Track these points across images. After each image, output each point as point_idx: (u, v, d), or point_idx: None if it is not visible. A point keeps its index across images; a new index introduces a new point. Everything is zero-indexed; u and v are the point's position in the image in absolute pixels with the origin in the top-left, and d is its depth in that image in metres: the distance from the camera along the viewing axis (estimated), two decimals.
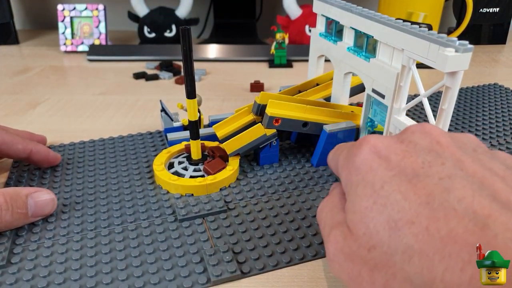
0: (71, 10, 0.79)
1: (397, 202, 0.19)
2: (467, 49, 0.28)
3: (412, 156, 0.21)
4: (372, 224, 0.20)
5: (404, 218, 0.19)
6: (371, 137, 0.23)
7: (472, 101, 0.56)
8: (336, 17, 0.42)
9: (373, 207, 0.20)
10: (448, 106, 0.30)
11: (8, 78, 0.67)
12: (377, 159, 0.22)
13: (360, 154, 0.23)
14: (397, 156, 0.22)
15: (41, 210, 0.32)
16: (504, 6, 0.81)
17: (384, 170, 0.21)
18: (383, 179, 0.21)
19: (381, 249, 0.19)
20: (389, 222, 0.19)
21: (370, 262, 0.20)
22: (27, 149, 0.38)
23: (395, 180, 0.20)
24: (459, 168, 0.20)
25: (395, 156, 0.22)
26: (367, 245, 0.20)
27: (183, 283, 0.27)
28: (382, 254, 0.19)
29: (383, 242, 0.19)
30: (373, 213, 0.20)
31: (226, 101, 0.58)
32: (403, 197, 0.19)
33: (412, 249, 0.18)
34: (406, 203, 0.19)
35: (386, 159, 0.22)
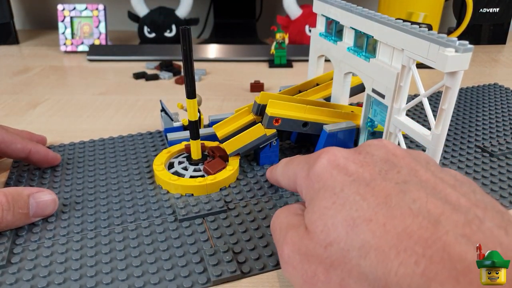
0: (71, 10, 0.79)
1: (356, 202, 0.20)
2: (467, 49, 0.28)
3: (370, 165, 0.23)
4: (330, 221, 0.21)
5: (362, 216, 0.20)
6: (330, 148, 0.25)
7: (472, 101, 0.56)
8: (336, 17, 0.42)
9: (332, 207, 0.21)
10: (448, 106, 0.30)
11: (8, 78, 0.67)
12: (336, 167, 0.23)
13: (320, 163, 0.24)
14: (355, 164, 0.23)
15: (42, 210, 0.32)
16: (504, 6, 0.81)
17: (343, 176, 0.22)
18: (343, 183, 0.22)
19: (337, 245, 0.20)
20: (347, 219, 0.20)
21: (326, 260, 0.20)
22: (26, 149, 0.38)
23: (354, 184, 0.21)
24: (413, 175, 0.22)
25: (353, 164, 0.23)
26: (323, 242, 0.20)
27: (183, 283, 0.27)
28: (338, 251, 0.20)
29: (340, 239, 0.20)
30: (331, 212, 0.21)
31: (226, 101, 0.58)
32: (362, 198, 0.20)
33: (369, 244, 0.19)
34: (364, 203, 0.20)
35: (345, 167, 0.23)
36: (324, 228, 0.21)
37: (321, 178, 0.23)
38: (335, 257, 0.20)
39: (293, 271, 0.22)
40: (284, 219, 0.25)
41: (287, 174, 0.28)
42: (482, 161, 0.42)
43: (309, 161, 0.25)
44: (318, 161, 0.24)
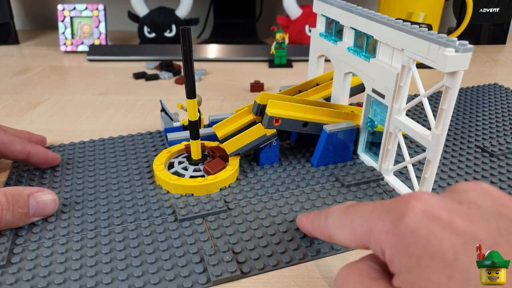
0: (71, 10, 0.79)
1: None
2: (467, 49, 0.28)
3: (481, 221, 0.18)
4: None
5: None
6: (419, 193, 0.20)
7: (472, 101, 0.56)
8: (336, 17, 0.42)
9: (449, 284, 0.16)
10: (448, 106, 0.30)
11: (8, 78, 0.67)
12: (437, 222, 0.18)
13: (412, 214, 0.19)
14: (461, 219, 0.18)
15: (42, 210, 0.32)
16: (504, 6, 0.81)
17: (451, 236, 0.17)
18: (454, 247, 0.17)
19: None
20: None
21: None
22: (26, 151, 0.38)
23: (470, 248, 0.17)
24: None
25: (459, 218, 0.18)
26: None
27: (183, 283, 0.27)
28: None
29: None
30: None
31: (226, 101, 0.58)
32: None
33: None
34: None
35: (449, 222, 0.18)
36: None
37: (419, 238, 0.18)
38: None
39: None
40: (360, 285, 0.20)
41: (351, 227, 0.22)
42: (482, 161, 0.42)
43: (390, 209, 0.20)
44: (408, 211, 0.19)
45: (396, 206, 0.20)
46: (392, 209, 0.20)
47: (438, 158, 0.32)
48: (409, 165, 0.36)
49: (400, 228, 0.19)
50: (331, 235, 0.25)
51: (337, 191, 0.36)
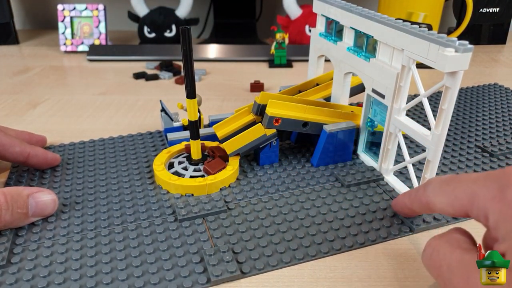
0: (71, 10, 0.79)
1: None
2: (467, 49, 0.28)
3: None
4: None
5: None
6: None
7: (472, 101, 0.56)
8: (336, 17, 0.42)
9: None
10: (448, 106, 0.30)
11: (8, 78, 0.67)
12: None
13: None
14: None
15: (41, 210, 0.32)
16: (504, 6, 0.81)
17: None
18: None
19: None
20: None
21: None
22: (25, 152, 0.38)
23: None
24: None
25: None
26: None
27: (183, 283, 0.27)
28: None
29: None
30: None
31: (226, 101, 0.58)
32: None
33: None
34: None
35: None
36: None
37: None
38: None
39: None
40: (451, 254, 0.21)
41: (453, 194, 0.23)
42: (482, 161, 0.42)
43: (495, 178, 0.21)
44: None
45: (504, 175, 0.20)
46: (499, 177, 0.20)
47: (438, 158, 0.32)
48: (409, 165, 0.36)
49: (507, 196, 0.19)
50: (429, 202, 0.25)
51: (337, 191, 0.36)
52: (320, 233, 0.31)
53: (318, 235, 0.31)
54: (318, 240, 0.31)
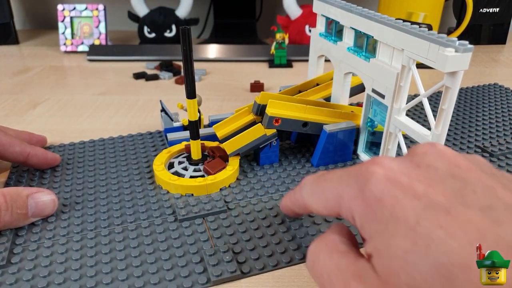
0: (71, 10, 0.79)
1: (441, 241, 0.16)
2: (467, 49, 0.28)
3: (438, 184, 0.19)
4: (416, 270, 0.17)
5: (457, 262, 0.16)
6: (380, 159, 0.21)
7: (472, 101, 0.56)
8: (336, 17, 0.42)
9: (413, 249, 0.17)
10: (448, 106, 0.30)
11: (8, 78, 0.67)
12: (399, 187, 0.19)
13: (375, 180, 0.19)
14: (420, 183, 0.19)
15: (41, 210, 0.32)
16: (504, 6, 0.81)
17: (412, 201, 0.18)
18: (416, 212, 0.18)
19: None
20: (439, 268, 0.16)
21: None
22: (25, 152, 0.38)
23: (430, 212, 0.17)
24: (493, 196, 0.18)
25: (418, 182, 0.19)
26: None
27: (183, 283, 0.27)
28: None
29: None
30: (415, 257, 0.17)
31: (226, 101, 0.58)
32: (447, 234, 0.16)
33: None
34: (453, 242, 0.16)
35: (410, 187, 0.19)
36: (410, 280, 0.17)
37: (384, 203, 0.19)
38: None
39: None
40: (329, 260, 0.20)
41: (323, 195, 0.23)
42: None
43: (355, 176, 0.21)
44: (371, 177, 0.20)
45: (360, 173, 0.20)
46: (357, 175, 0.21)
47: None
48: None
49: (366, 195, 0.19)
50: (306, 205, 0.25)
51: None
52: (320, 233, 0.31)
53: (318, 235, 0.31)
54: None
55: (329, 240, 0.22)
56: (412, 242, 0.17)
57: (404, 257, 0.17)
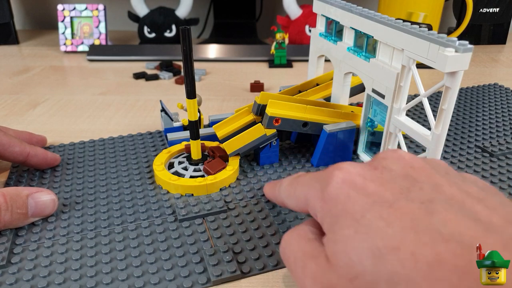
0: (71, 10, 0.79)
1: (379, 229, 0.19)
2: (467, 49, 0.28)
3: (389, 183, 0.21)
4: (354, 253, 0.19)
5: (389, 245, 0.18)
6: (342, 164, 0.23)
7: (472, 101, 0.56)
8: (336, 17, 0.42)
9: (354, 236, 0.19)
10: (448, 106, 0.30)
11: (8, 78, 0.67)
12: (353, 187, 0.21)
13: (334, 182, 0.22)
14: (373, 183, 0.21)
15: (41, 210, 0.32)
16: (504, 6, 0.81)
17: (363, 198, 0.21)
18: (363, 207, 0.20)
19: (364, 278, 0.18)
20: (373, 250, 0.18)
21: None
22: (25, 152, 0.38)
23: (376, 207, 0.20)
24: (437, 192, 0.20)
25: (371, 183, 0.21)
26: (349, 275, 0.19)
27: (183, 283, 0.27)
28: (365, 284, 0.18)
29: (366, 272, 0.18)
30: (355, 243, 0.19)
31: (226, 101, 0.58)
32: (386, 224, 0.19)
33: (398, 276, 0.17)
34: (389, 229, 0.18)
35: (363, 187, 0.21)
36: (348, 261, 0.19)
37: (338, 201, 0.21)
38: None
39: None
40: (297, 246, 0.23)
41: (295, 196, 0.26)
42: (482, 161, 0.42)
43: (320, 179, 0.24)
44: (331, 180, 0.22)
45: (323, 177, 0.23)
46: (320, 179, 0.24)
47: (438, 158, 0.32)
48: None
49: (325, 195, 0.22)
50: (283, 202, 0.28)
51: None
52: None
53: None
54: None
55: (301, 230, 0.24)
56: (355, 230, 0.20)
57: (346, 242, 0.20)
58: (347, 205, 0.21)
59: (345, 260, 0.19)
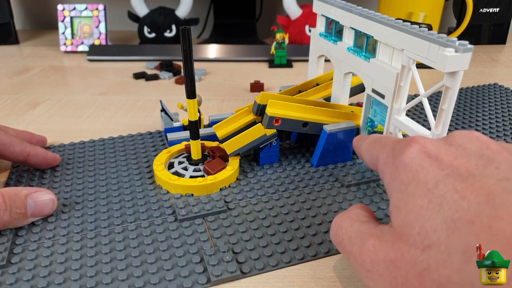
0: (71, 10, 0.79)
1: (454, 201, 0.19)
2: (467, 49, 0.28)
3: (464, 158, 0.21)
4: (428, 223, 0.19)
5: (463, 218, 0.18)
6: (419, 137, 0.23)
7: (472, 101, 0.56)
8: (336, 17, 0.42)
9: (428, 206, 0.19)
10: (448, 106, 0.30)
11: (8, 78, 0.67)
12: (427, 158, 0.21)
13: (409, 152, 0.22)
14: (448, 156, 0.21)
15: (40, 210, 0.32)
16: (504, 6, 0.81)
17: (436, 169, 0.21)
18: (436, 177, 0.20)
19: (437, 249, 0.18)
20: (447, 221, 0.18)
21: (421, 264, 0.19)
22: (25, 152, 0.38)
23: (449, 179, 0.20)
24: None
25: (446, 156, 0.21)
26: (421, 244, 0.19)
27: (183, 283, 0.27)
28: (438, 254, 0.18)
29: (440, 242, 0.18)
30: (429, 212, 0.19)
31: (226, 101, 0.58)
32: (460, 196, 0.19)
33: (473, 248, 0.17)
34: (464, 202, 0.18)
35: (437, 159, 0.21)
36: (422, 230, 0.19)
37: (410, 169, 0.22)
38: (433, 261, 0.18)
39: (378, 279, 0.20)
40: (350, 228, 0.24)
41: (371, 153, 0.27)
42: None
43: (396, 146, 0.24)
44: (407, 150, 0.22)
45: (401, 145, 0.23)
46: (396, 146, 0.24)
47: None
48: None
49: (397, 161, 0.23)
50: (361, 155, 0.30)
51: (337, 191, 0.36)
52: (320, 233, 0.31)
53: (318, 235, 0.31)
54: (318, 240, 0.31)
55: (352, 213, 0.25)
56: (428, 200, 0.20)
57: (419, 212, 0.20)
58: (419, 174, 0.21)
59: (417, 229, 0.19)
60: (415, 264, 0.19)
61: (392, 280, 0.20)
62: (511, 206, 0.17)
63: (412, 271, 0.19)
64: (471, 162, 0.20)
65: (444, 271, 0.18)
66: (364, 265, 0.21)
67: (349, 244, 0.23)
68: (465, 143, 0.22)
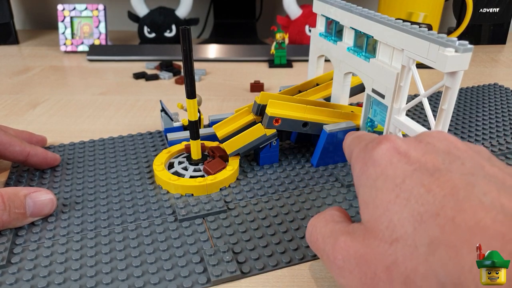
0: (71, 10, 0.79)
1: (420, 195, 0.19)
2: (467, 49, 0.28)
3: (432, 154, 0.21)
4: (395, 217, 0.20)
5: (429, 211, 0.18)
6: (392, 135, 0.24)
7: (472, 101, 0.56)
8: (336, 17, 0.42)
9: (396, 201, 0.20)
10: (448, 106, 0.30)
11: (8, 78, 0.67)
12: (396, 154, 0.22)
13: (379, 149, 0.23)
14: (416, 152, 0.22)
15: (40, 210, 0.32)
16: (504, 6, 0.81)
17: (404, 165, 0.21)
18: (404, 173, 0.21)
19: (405, 242, 0.19)
20: (414, 215, 0.19)
21: (390, 257, 0.19)
22: (25, 152, 0.38)
23: (417, 174, 0.20)
24: (479, 168, 0.20)
25: (415, 152, 0.22)
26: (389, 238, 0.19)
27: (183, 283, 0.27)
28: (405, 247, 0.19)
29: (407, 235, 0.19)
30: (396, 207, 0.20)
31: (226, 101, 0.58)
32: (427, 190, 0.19)
33: (438, 240, 0.17)
34: (430, 196, 0.19)
35: (406, 155, 0.22)
36: (390, 224, 0.20)
37: (379, 164, 0.22)
38: (400, 254, 0.19)
39: (349, 275, 0.21)
40: (325, 227, 0.24)
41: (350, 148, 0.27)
42: None
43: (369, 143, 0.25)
44: (378, 146, 0.23)
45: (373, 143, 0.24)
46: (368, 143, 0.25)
47: None
48: None
49: (367, 157, 0.23)
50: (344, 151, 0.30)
51: (337, 191, 0.36)
52: None
53: None
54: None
55: (327, 214, 0.25)
56: (396, 195, 0.20)
57: (387, 206, 0.20)
58: (388, 169, 0.22)
59: (386, 223, 0.20)
60: (383, 258, 0.19)
61: (362, 276, 0.20)
62: (474, 199, 0.18)
63: (380, 266, 0.19)
64: (438, 158, 0.21)
65: (411, 263, 0.18)
66: (336, 263, 0.22)
67: (323, 243, 0.23)
68: (434, 141, 0.23)
